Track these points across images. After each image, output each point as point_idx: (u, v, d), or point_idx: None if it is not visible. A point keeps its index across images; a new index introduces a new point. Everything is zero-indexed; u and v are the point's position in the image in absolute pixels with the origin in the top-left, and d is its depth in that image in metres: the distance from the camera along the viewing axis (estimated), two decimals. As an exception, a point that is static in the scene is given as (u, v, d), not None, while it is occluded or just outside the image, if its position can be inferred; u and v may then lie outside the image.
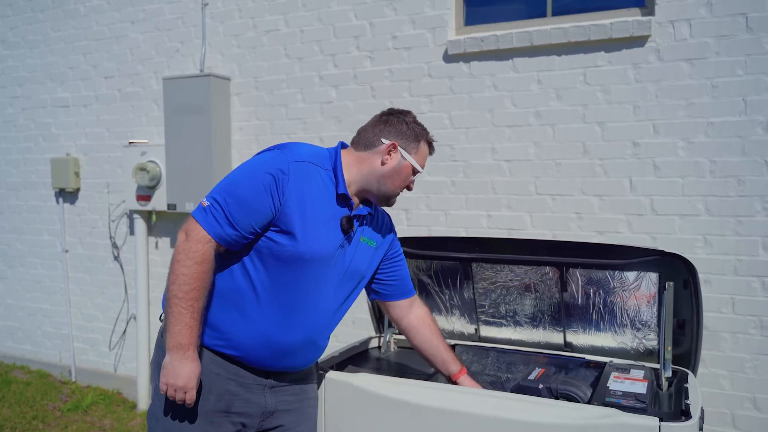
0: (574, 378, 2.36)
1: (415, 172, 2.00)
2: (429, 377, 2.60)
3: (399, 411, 2.22)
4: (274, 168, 1.76)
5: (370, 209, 2.01)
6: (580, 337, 2.63)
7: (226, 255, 1.83)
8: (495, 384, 2.75)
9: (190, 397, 1.78)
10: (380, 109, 3.63)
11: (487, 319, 2.81)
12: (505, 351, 2.76)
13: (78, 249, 4.87)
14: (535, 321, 2.71)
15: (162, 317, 1.87)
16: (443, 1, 3.51)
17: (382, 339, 2.96)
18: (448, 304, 2.86)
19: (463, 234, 3.49)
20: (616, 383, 2.21)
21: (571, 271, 2.53)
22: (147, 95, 4.49)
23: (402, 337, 2.97)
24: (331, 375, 2.37)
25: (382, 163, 1.93)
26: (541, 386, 2.25)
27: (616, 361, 2.49)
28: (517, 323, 2.75)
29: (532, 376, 2.37)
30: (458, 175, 3.52)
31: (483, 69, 3.43)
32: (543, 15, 3.39)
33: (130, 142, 4.42)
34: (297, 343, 1.90)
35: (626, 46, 3.11)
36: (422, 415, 2.18)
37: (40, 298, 5.13)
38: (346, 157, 1.94)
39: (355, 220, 1.93)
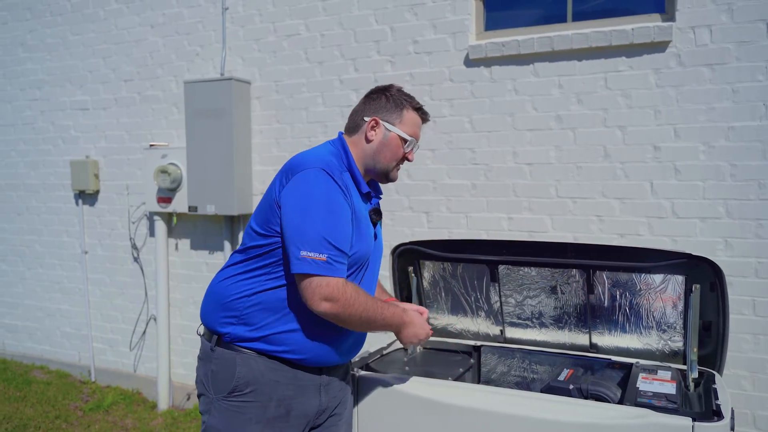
0: (602, 378, 2.40)
1: (406, 141, 2.00)
2: (457, 377, 2.65)
3: (431, 411, 2.27)
4: (337, 187, 1.81)
5: (377, 189, 2.12)
6: (605, 339, 2.68)
7: (282, 267, 1.86)
8: (521, 384, 2.80)
9: (427, 331, 2.08)
10: (401, 112, 3.71)
11: (512, 320, 2.85)
12: (530, 352, 2.80)
13: (97, 250, 4.93)
14: (560, 322, 2.75)
15: (199, 330, 2.02)
16: (464, 7, 3.55)
17: (407, 340, 3.00)
18: (473, 306, 2.91)
19: (484, 236, 3.54)
20: (645, 384, 2.26)
21: (597, 273, 2.57)
22: (167, 98, 4.54)
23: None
24: (364, 374, 2.42)
25: (369, 141, 1.97)
26: (571, 387, 2.30)
27: (642, 362, 2.53)
28: (542, 325, 2.80)
29: (561, 377, 2.41)
30: (479, 178, 3.56)
31: (504, 73, 3.47)
32: (563, 20, 3.44)
33: (151, 145, 4.47)
34: (354, 336, 2.02)
35: (647, 52, 3.15)
36: (454, 415, 2.23)
37: (59, 298, 5.19)
38: (354, 151, 2.00)
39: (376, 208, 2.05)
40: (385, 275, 3.81)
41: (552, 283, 2.70)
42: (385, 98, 2.00)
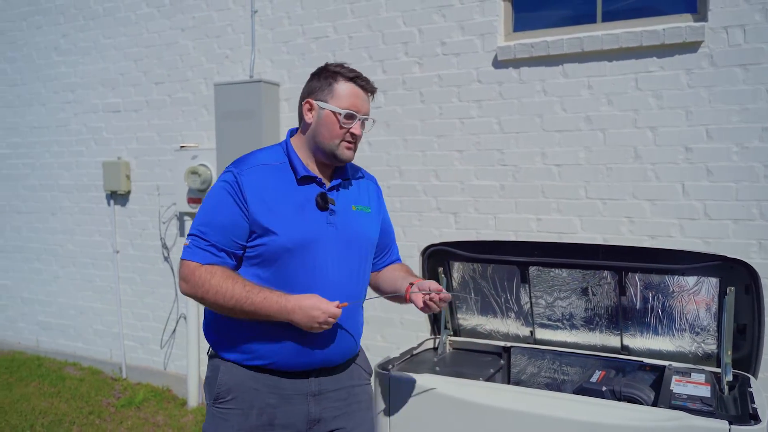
0: (635, 380, 2.40)
1: (347, 116, 1.88)
2: (488, 378, 2.66)
3: (464, 411, 2.29)
4: (227, 185, 1.88)
5: (346, 176, 2.02)
6: (637, 341, 2.67)
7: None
8: (551, 386, 2.81)
9: (329, 311, 1.81)
10: (429, 114, 3.75)
11: (542, 321, 2.86)
12: (560, 353, 2.80)
13: (129, 250, 5.02)
14: (591, 324, 2.75)
15: (209, 351, 2.01)
16: (492, 8, 3.56)
17: (437, 340, 3.03)
18: (503, 307, 2.92)
19: (512, 238, 3.54)
20: (679, 386, 2.25)
21: (629, 275, 2.57)
22: (197, 100, 4.61)
23: (457, 338, 3.05)
24: (396, 375, 2.45)
25: (308, 124, 1.93)
26: (604, 388, 2.30)
27: (675, 364, 2.52)
28: (573, 326, 2.80)
29: (593, 379, 2.41)
30: (507, 179, 3.57)
31: (533, 74, 3.47)
32: (593, 21, 3.43)
33: (181, 146, 4.55)
34: (317, 333, 1.87)
35: (679, 52, 3.13)
36: (487, 416, 2.25)
37: (92, 297, 5.30)
38: (295, 141, 1.98)
39: (330, 194, 1.94)
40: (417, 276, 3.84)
41: (583, 285, 2.70)
42: (316, 78, 1.95)
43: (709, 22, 3.06)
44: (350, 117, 1.89)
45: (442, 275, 2.95)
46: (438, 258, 2.92)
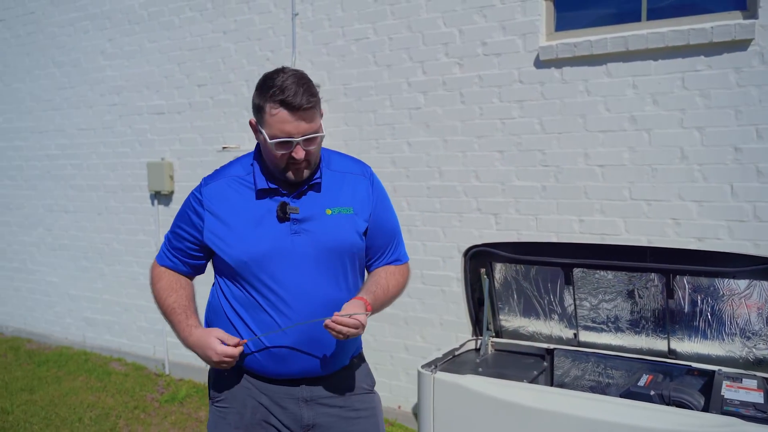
0: (684, 385, 2.37)
1: (278, 144, 1.75)
2: (532, 380, 2.65)
3: (508, 413, 2.29)
4: (191, 197, 1.95)
5: (320, 177, 1.90)
6: (685, 345, 2.63)
7: (213, 283, 1.98)
8: (595, 389, 2.78)
9: (224, 352, 1.79)
10: (469, 114, 3.74)
11: (586, 324, 2.83)
12: (605, 356, 2.77)
13: (172, 249, 5.13)
14: (637, 327, 2.72)
15: None
16: (534, 8, 3.54)
17: (479, 342, 3.02)
18: (546, 309, 2.90)
19: (554, 239, 3.51)
20: (730, 392, 2.21)
21: (677, 278, 2.53)
22: (238, 102, 4.69)
23: (499, 340, 3.04)
24: (440, 376, 2.46)
25: (258, 143, 1.89)
26: (652, 392, 2.27)
27: (725, 369, 2.47)
28: (618, 329, 2.76)
29: (641, 382, 2.39)
30: (549, 180, 3.54)
31: (575, 74, 3.44)
32: (637, 19, 3.38)
33: (224, 147, 4.63)
34: (290, 343, 1.84)
35: (727, 50, 3.07)
36: (533, 418, 2.24)
37: (136, 294, 5.43)
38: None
39: (298, 201, 1.86)
40: (454, 277, 3.84)
41: (629, 287, 2.67)
42: (255, 96, 1.79)
43: (760, 20, 2.98)
44: (284, 144, 1.75)
45: (485, 276, 2.95)
46: (480, 259, 2.92)
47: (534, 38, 3.55)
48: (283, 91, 1.72)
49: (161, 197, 5.17)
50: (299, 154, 1.76)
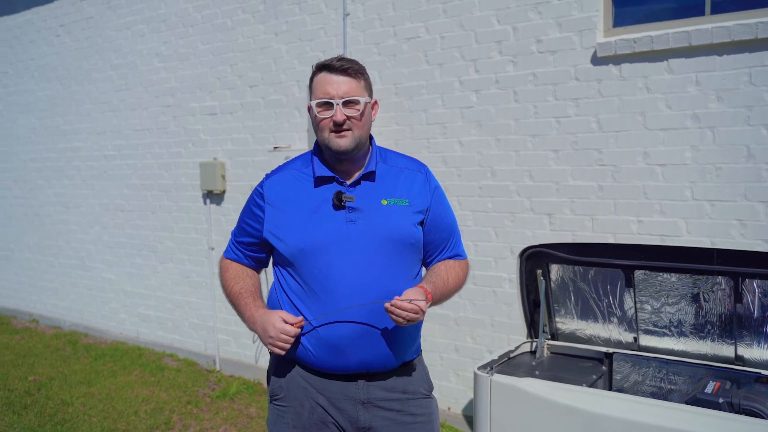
0: (754, 393, 2.27)
1: (318, 105, 1.85)
2: (591, 384, 2.59)
3: (568, 417, 2.24)
4: (254, 192, 2.02)
5: (376, 169, 1.94)
6: (753, 351, 2.52)
7: (275, 278, 2.01)
8: (657, 395, 2.70)
9: (282, 327, 1.81)
10: (523, 113, 3.68)
11: (647, 328, 2.75)
12: (667, 361, 2.69)
13: (223, 247, 5.19)
14: (702, 332, 2.62)
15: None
16: (592, 3, 3.46)
17: (534, 344, 2.97)
18: (605, 312, 2.83)
19: (611, 240, 3.42)
20: (806, 401, 2.11)
21: (747, 281, 2.43)
22: (289, 102, 4.73)
23: (555, 342, 2.98)
24: (497, 378, 2.42)
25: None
26: (721, 400, 2.19)
27: (798, 377, 2.36)
28: (681, 333, 2.68)
29: (708, 389, 2.30)
30: (606, 180, 3.46)
31: (635, 71, 3.35)
32: (701, 13, 3.26)
33: (275, 147, 4.68)
34: (347, 334, 1.85)
35: (799, 44, 2.94)
36: (594, 423, 2.18)
37: (188, 291, 5.55)
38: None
39: (353, 190, 1.89)
40: (506, 278, 3.79)
41: (694, 291, 2.58)
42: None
43: (835, 11, 2.85)
44: (323, 105, 1.83)
45: (541, 277, 2.90)
46: (537, 260, 2.87)
47: (591, 35, 3.46)
48: (332, 58, 1.87)
49: (213, 196, 5.26)
50: (338, 116, 1.82)
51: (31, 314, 7.14)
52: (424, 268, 2.06)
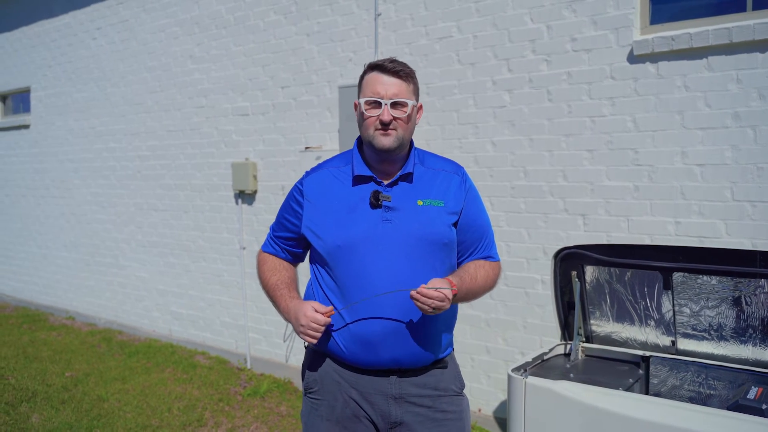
0: (800, 400, 2.20)
1: (368, 103, 1.88)
2: (628, 388, 2.54)
3: (605, 421, 2.20)
4: (294, 189, 2.06)
5: (414, 170, 1.97)
6: (798, 356, 2.45)
7: (311, 274, 2.03)
8: (696, 400, 2.63)
9: (313, 316, 1.83)
10: (556, 112, 3.64)
11: (686, 331, 2.69)
12: (707, 366, 2.63)
13: (254, 246, 5.26)
14: (743, 336, 2.55)
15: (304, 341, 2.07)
16: (628, 1, 3.40)
17: (568, 346, 2.93)
18: (642, 314, 2.78)
19: (647, 241, 3.36)
20: None
21: (792, 285, 2.36)
22: (321, 103, 4.75)
23: (590, 345, 2.93)
24: (532, 381, 2.39)
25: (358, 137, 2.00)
26: (765, 407, 2.13)
27: None
28: (721, 337, 2.61)
29: (750, 395, 2.24)
30: (642, 180, 3.39)
31: (672, 69, 3.28)
32: (742, 9, 3.18)
33: (306, 148, 4.70)
34: (379, 329, 1.87)
35: None
36: (631, 428, 2.14)
37: (219, 290, 5.61)
38: (360, 142, 2.03)
39: (390, 189, 1.93)
40: (539, 279, 3.75)
41: (735, 294, 2.51)
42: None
43: None
44: (372, 104, 1.87)
45: (576, 279, 2.86)
46: (571, 261, 2.83)
47: (627, 32, 3.41)
48: (383, 60, 1.92)
49: (245, 196, 5.31)
50: (386, 116, 1.85)
51: (67, 311, 7.30)
52: None
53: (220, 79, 5.44)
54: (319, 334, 1.84)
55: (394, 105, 1.87)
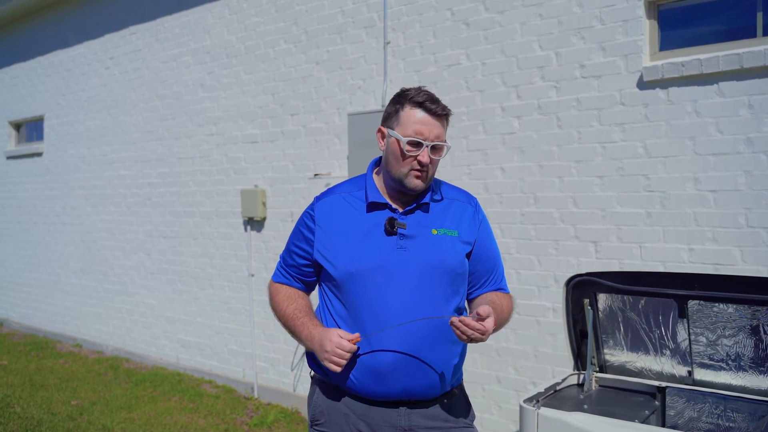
0: (824, 434, 2.12)
1: (410, 143, 1.83)
2: (644, 420, 2.47)
3: (622, 455, 2.13)
4: (305, 215, 2.02)
5: (430, 198, 1.96)
6: (820, 388, 2.37)
7: (320, 299, 2.01)
8: (714, 433, 2.55)
9: (339, 342, 1.79)
10: (566, 139, 3.62)
11: (703, 361, 2.62)
12: (725, 397, 2.55)
13: (263, 274, 5.24)
14: (762, 366, 2.48)
15: (310, 372, 2.07)
16: (637, 27, 3.40)
17: (581, 376, 2.86)
18: (657, 343, 2.71)
19: (660, 268, 3.30)
20: None
21: (811, 313, 2.30)
22: (330, 130, 4.77)
23: (604, 375, 2.86)
24: (545, 412, 2.33)
25: (382, 151, 1.95)
26: (787, 440, 2.05)
27: None
28: (740, 368, 2.54)
29: (772, 428, 2.16)
30: (654, 207, 3.35)
31: (683, 95, 3.26)
32: (752, 35, 3.17)
33: (315, 174, 4.70)
34: (390, 361, 1.84)
35: None
36: (649, 462, 2.07)
37: (227, 318, 5.57)
38: (377, 168, 2.02)
39: (406, 218, 1.91)
40: (550, 307, 3.68)
41: (753, 322, 2.45)
42: (390, 104, 1.93)
43: None
44: (414, 144, 1.84)
45: (588, 307, 2.80)
46: (584, 289, 2.78)
47: (637, 59, 3.40)
48: (424, 96, 1.87)
49: (254, 223, 5.31)
50: (425, 158, 1.84)
51: (75, 339, 7.27)
52: (466, 302, 2.06)
53: (231, 107, 5.48)
54: (344, 361, 1.80)
55: (433, 148, 1.87)
